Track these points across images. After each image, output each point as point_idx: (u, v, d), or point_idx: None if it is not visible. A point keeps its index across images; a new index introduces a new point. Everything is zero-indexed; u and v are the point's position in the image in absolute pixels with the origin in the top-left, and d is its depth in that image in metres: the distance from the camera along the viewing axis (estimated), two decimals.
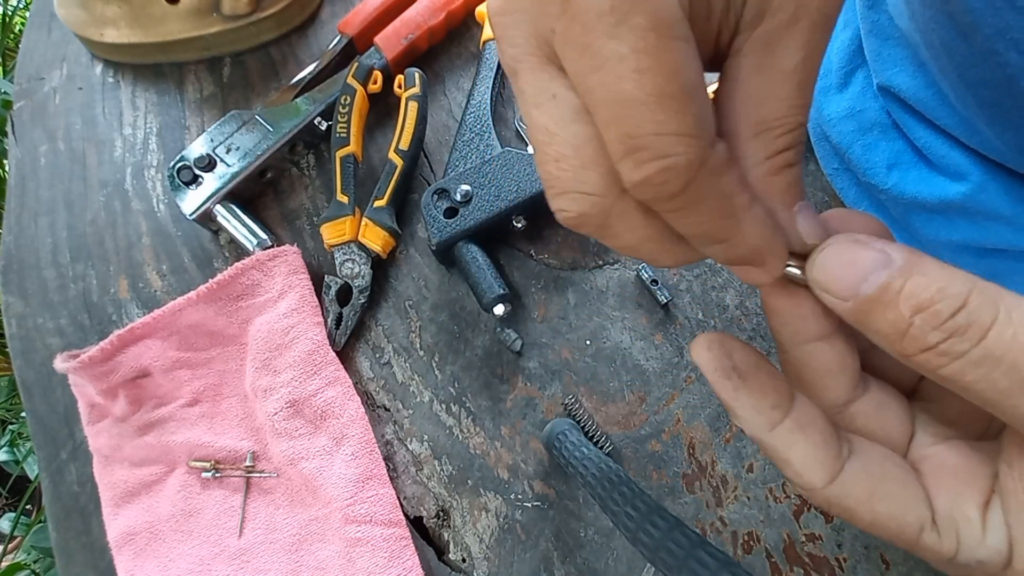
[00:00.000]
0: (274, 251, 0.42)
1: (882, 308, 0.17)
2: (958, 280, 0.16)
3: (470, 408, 0.41)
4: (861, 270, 0.17)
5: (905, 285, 0.16)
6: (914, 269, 0.16)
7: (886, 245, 0.17)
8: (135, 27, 0.48)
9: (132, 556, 0.39)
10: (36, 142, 0.49)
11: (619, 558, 0.37)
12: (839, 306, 0.18)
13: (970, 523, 0.18)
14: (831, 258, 0.18)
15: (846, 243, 0.18)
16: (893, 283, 0.16)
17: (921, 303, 0.16)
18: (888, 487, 0.19)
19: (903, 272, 0.16)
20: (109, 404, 0.41)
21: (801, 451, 0.19)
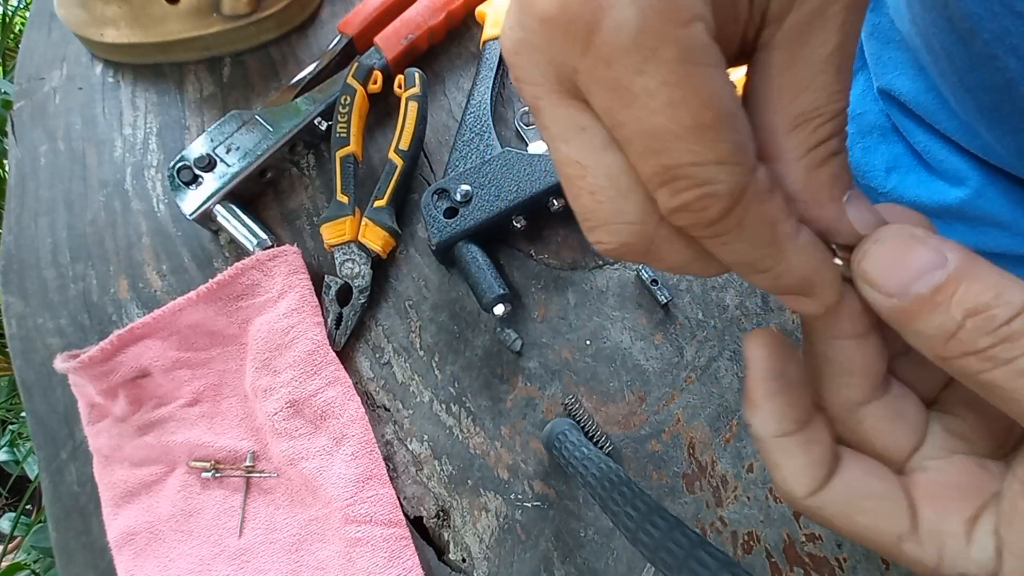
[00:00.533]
0: (274, 251, 0.42)
1: (931, 309, 0.16)
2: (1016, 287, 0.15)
3: (470, 408, 0.41)
4: (915, 268, 0.16)
5: (959, 288, 0.16)
6: (970, 272, 0.16)
7: (942, 243, 0.16)
8: (135, 27, 0.48)
9: (132, 556, 0.39)
10: (36, 142, 0.49)
11: (619, 558, 0.37)
12: (882, 303, 0.17)
13: (955, 537, 0.18)
14: (883, 251, 0.17)
15: (901, 236, 0.17)
16: (947, 285, 0.16)
17: (976, 307, 0.15)
18: (867, 503, 0.19)
19: (959, 274, 0.16)
20: (109, 404, 0.41)
21: (796, 464, 0.19)
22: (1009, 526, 0.18)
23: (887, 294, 0.17)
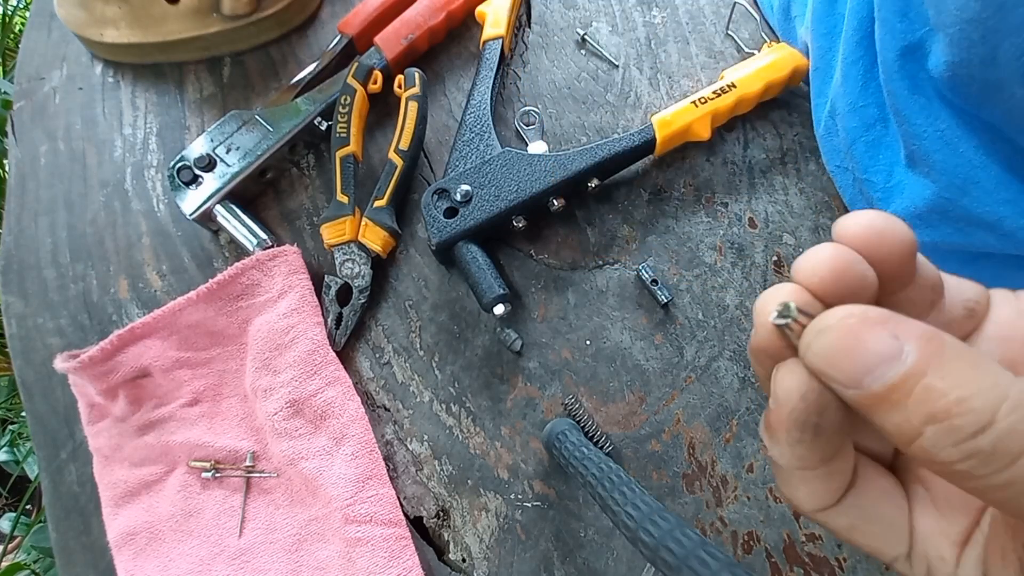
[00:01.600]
0: (274, 251, 0.42)
1: (888, 408, 0.14)
2: (986, 390, 0.13)
3: (470, 408, 0.41)
4: (866, 361, 0.14)
5: (918, 387, 0.14)
6: (931, 368, 0.14)
7: (899, 326, 0.15)
8: (135, 27, 0.48)
9: (132, 556, 0.39)
10: (36, 142, 0.49)
11: (619, 558, 0.37)
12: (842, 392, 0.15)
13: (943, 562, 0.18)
14: (830, 342, 0.15)
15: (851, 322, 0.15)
16: (904, 382, 0.14)
17: (935, 413, 0.14)
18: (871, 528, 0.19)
19: (918, 369, 0.14)
20: (109, 404, 0.41)
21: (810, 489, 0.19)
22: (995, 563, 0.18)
23: (840, 385, 0.15)
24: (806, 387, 0.16)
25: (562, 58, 0.49)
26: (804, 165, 0.45)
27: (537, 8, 0.50)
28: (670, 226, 0.44)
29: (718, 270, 0.43)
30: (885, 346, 0.14)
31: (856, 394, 0.15)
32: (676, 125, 0.42)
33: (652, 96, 0.47)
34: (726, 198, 0.44)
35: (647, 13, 0.50)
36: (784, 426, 0.17)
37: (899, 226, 0.17)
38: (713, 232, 0.44)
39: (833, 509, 0.19)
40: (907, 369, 0.14)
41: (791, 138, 0.46)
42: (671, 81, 0.47)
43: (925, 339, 0.14)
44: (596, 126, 0.46)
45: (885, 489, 0.19)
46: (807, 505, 0.19)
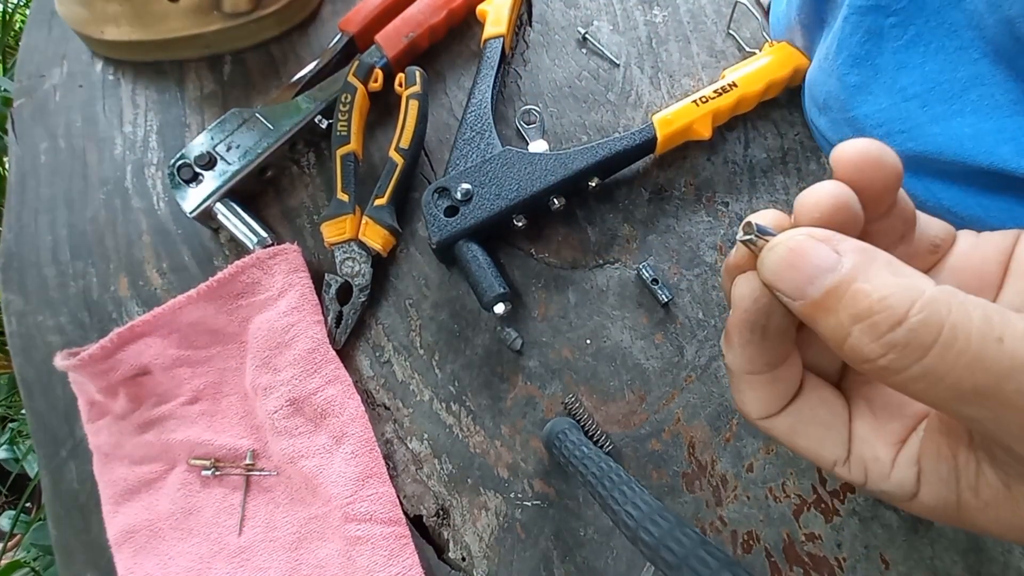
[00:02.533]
0: (274, 249, 0.42)
1: (824, 312, 0.16)
2: (902, 291, 0.15)
3: (470, 407, 0.41)
4: (808, 271, 0.16)
5: (848, 291, 0.16)
6: (860, 274, 0.16)
7: (840, 243, 0.16)
8: (136, 25, 0.48)
9: (132, 554, 0.39)
10: (36, 140, 0.49)
11: (619, 557, 0.37)
12: (790, 304, 0.17)
13: (878, 462, 0.20)
14: (778, 257, 0.17)
15: (796, 239, 0.17)
16: (838, 288, 0.16)
17: (859, 313, 0.15)
18: (810, 431, 0.21)
19: (851, 276, 0.16)
20: (109, 402, 0.41)
21: (756, 394, 0.21)
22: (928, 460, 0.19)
23: (788, 298, 0.17)
24: (757, 292, 0.19)
25: (563, 57, 0.49)
26: (805, 165, 0.45)
27: (538, 6, 0.50)
28: (671, 225, 0.44)
29: (719, 270, 0.43)
30: (825, 258, 0.16)
31: (800, 304, 0.17)
32: (677, 124, 0.42)
33: (653, 95, 0.47)
34: (727, 197, 0.44)
35: (648, 12, 0.50)
36: (737, 327, 0.20)
37: (890, 155, 0.19)
38: (714, 231, 0.44)
39: (775, 418, 0.21)
40: (841, 276, 0.16)
41: (792, 137, 0.46)
42: (672, 80, 0.47)
43: (859, 251, 0.16)
44: (597, 125, 0.46)
45: (826, 398, 0.21)
46: (754, 412, 0.21)
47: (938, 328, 0.15)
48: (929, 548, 0.36)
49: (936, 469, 0.19)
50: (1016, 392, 0.14)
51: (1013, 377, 0.14)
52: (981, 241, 0.21)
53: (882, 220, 0.20)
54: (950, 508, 0.19)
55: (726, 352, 0.21)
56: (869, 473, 0.20)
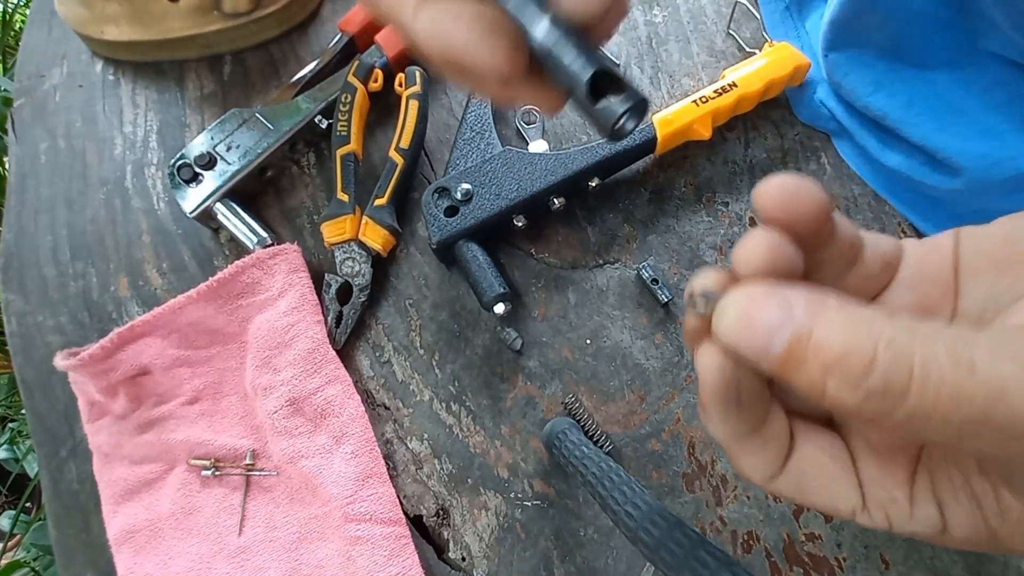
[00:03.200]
0: (274, 249, 0.42)
1: (794, 368, 0.15)
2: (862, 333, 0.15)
3: (470, 407, 0.41)
4: (764, 330, 0.16)
5: (810, 343, 0.15)
6: (816, 324, 0.15)
7: (787, 292, 0.16)
8: (136, 25, 0.48)
9: (132, 554, 0.39)
10: (36, 140, 0.49)
11: (619, 557, 0.37)
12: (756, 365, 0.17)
13: (896, 503, 0.19)
14: (730, 321, 0.17)
15: (742, 299, 0.17)
16: (799, 341, 0.15)
17: (828, 364, 0.15)
18: (818, 482, 0.20)
19: (806, 325, 0.15)
20: (109, 402, 0.41)
21: (751, 460, 0.20)
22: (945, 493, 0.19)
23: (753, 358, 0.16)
24: (720, 363, 0.18)
25: None
26: (805, 165, 0.45)
27: None
28: (671, 225, 0.44)
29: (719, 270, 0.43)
30: (775, 313, 0.16)
31: (767, 364, 0.16)
32: (677, 124, 0.42)
33: (653, 95, 0.47)
34: (727, 197, 0.44)
35: (648, 12, 0.50)
36: (711, 402, 0.19)
37: (809, 186, 0.18)
38: (714, 232, 0.44)
39: (781, 476, 0.20)
40: (796, 329, 0.15)
41: (792, 137, 0.46)
42: (672, 80, 0.47)
43: (807, 300, 0.16)
44: None
45: (824, 446, 0.21)
46: (757, 476, 0.20)
47: (908, 367, 0.14)
48: (929, 548, 0.36)
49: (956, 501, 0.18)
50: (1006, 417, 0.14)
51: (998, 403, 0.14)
52: (926, 249, 0.21)
53: (826, 249, 0.20)
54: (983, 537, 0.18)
55: (707, 425, 0.20)
56: (891, 517, 0.19)
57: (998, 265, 0.19)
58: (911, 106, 0.40)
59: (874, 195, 0.45)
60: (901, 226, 0.44)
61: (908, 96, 0.40)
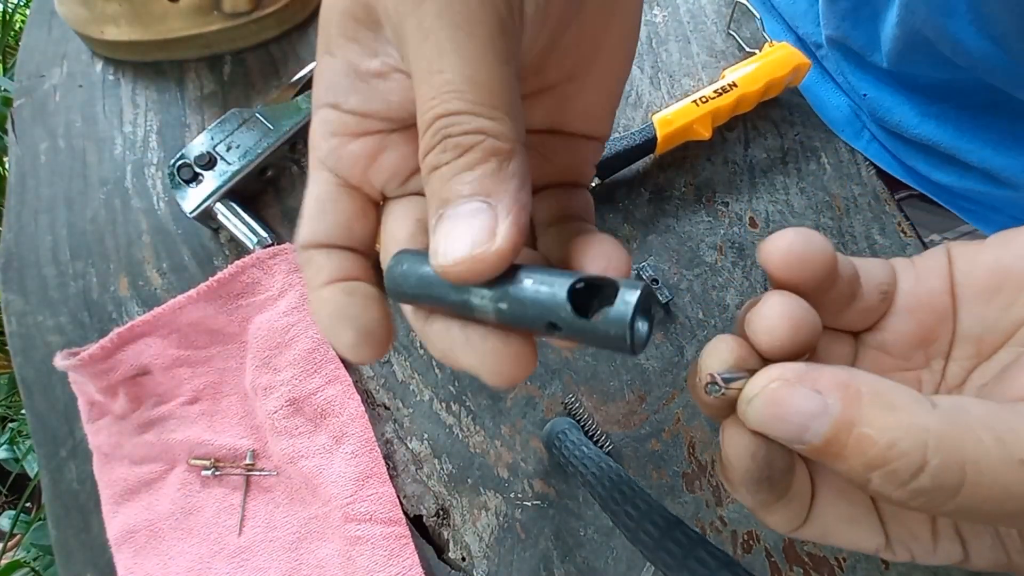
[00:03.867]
0: (274, 249, 0.42)
1: (832, 458, 0.15)
2: (908, 434, 0.14)
3: (470, 407, 0.41)
4: (797, 421, 0.15)
5: (851, 438, 0.15)
6: (855, 416, 0.15)
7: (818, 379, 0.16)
8: (136, 25, 0.48)
9: (132, 554, 0.39)
10: (36, 140, 0.49)
11: (619, 557, 0.37)
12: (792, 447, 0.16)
13: (918, 541, 0.19)
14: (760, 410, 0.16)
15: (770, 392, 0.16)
16: (838, 435, 0.15)
17: (871, 461, 0.15)
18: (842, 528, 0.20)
19: (846, 421, 0.15)
20: (109, 402, 0.41)
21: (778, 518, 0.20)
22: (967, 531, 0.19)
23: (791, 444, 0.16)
24: (753, 447, 0.18)
25: None
26: (805, 164, 0.45)
27: None
28: (671, 225, 0.44)
29: (719, 269, 0.43)
30: (809, 403, 0.15)
31: (802, 448, 0.16)
32: (677, 124, 0.42)
33: (653, 95, 0.47)
34: (727, 197, 0.44)
35: (648, 12, 0.50)
36: (743, 484, 0.19)
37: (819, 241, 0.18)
38: (714, 232, 0.44)
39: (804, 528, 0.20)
40: (835, 421, 0.15)
41: (792, 137, 0.46)
42: (672, 80, 0.47)
43: (843, 388, 0.15)
44: None
45: (841, 489, 0.20)
46: (783, 529, 0.20)
47: (960, 469, 0.14)
48: None
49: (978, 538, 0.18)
50: None
51: None
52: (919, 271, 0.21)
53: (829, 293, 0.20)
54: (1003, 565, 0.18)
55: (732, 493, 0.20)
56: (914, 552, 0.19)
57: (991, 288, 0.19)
58: (962, 134, 0.40)
59: (874, 195, 0.45)
60: (901, 226, 0.44)
61: (956, 125, 0.40)
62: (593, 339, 0.15)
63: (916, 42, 0.37)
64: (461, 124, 0.15)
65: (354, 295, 0.19)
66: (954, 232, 0.49)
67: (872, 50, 0.41)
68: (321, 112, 0.20)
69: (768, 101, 0.45)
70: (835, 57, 0.45)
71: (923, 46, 0.37)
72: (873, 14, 0.40)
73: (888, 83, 0.42)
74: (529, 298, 0.15)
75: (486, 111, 0.15)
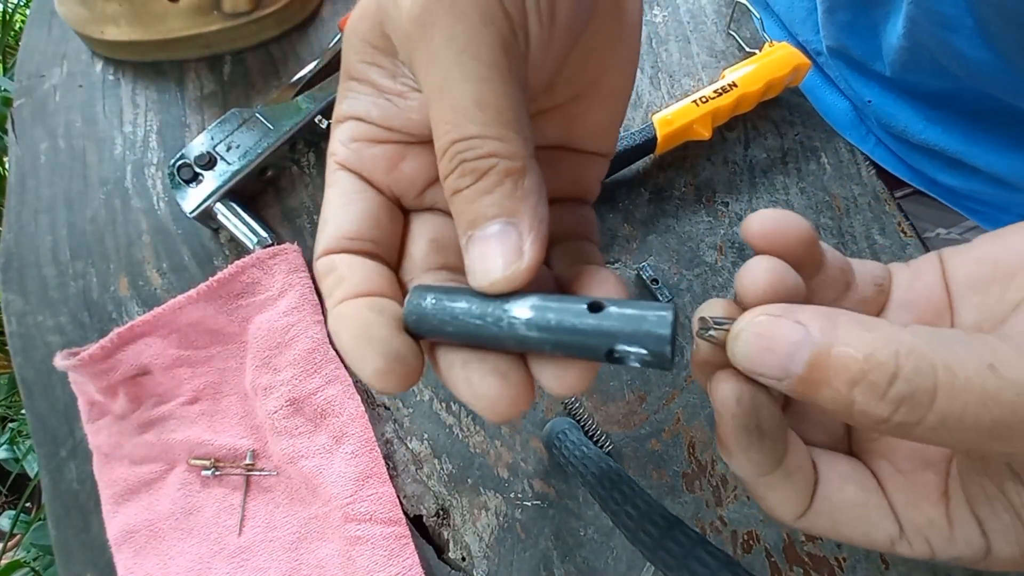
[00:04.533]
0: (274, 249, 0.42)
1: (817, 386, 0.16)
2: (881, 343, 0.15)
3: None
4: (783, 351, 0.16)
5: (830, 359, 0.15)
6: (834, 338, 0.15)
7: (800, 312, 0.16)
8: (136, 25, 0.48)
9: (132, 554, 0.39)
10: (36, 140, 0.49)
11: (619, 557, 0.37)
12: (777, 386, 0.17)
13: (935, 526, 0.19)
14: (746, 344, 0.17)
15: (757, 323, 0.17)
16: (819, 359, 0.15)
17: (853, 376, 0.15)
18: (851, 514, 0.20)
19: (825, 343, 0.15)
20: (109, 402, 0.41)
21: (778, 495, 0.20)
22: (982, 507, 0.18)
23: (775, 379, 0.16)
24: (739, 391, 0.18)
25: None
26: (805, 164, 0.45)
27: None
28: (671, 225, 0.44)
29: (719, 269, 0.43)
30: (792, 331, 0.16)
31: (788, 384, 0.16)
32: (677, 124, 0.42)
33: (653, 95, 0.47)
34: (727, 197, 0.44)
35: (648, 12, 0.50)
36: (731, 434, 0.19)
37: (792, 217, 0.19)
38: (714, 232, 0.44)
39: (811, 512, 0.20)
40: (816, 344, 0.15)
41: (792, 137, 0.46)
42: (672, 80, 0.47)
43: (822, 315, 0.16)
44: None
45: (847, 473, 0.20)
46: (787, 514, 0.20)
47: (932, 370, 0.14)
48: None
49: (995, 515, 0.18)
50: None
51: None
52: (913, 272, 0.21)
53: (818, 275, 0.20)
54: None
55: (728, 461, 0.20)
56: (932, 541, 0.19)
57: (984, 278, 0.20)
58: (968, 139, 0.40)
59: (874, 195, 0.45)
60: (901, 226, 0.44)
61: (961, 130, 0.40)
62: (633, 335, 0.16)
63: (920, 55, 0.37)
64: (474, 149, 0.16)
65: (383, 314, 0.18)
66: (959, 227, 0.49)
67: (873, 59, 0.41)
68: (343, 124, 0.20)
69: (768, 101, 0.45)
70: (836, 64, 0.45)
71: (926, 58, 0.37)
72: (872, 26, 0.40)
73: (891, 90, 0.42)
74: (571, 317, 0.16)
75: (495, 131, 0.16)
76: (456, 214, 0.17)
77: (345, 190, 0.20)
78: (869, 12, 0.39)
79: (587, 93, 0.22)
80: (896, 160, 0.45)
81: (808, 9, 0.46)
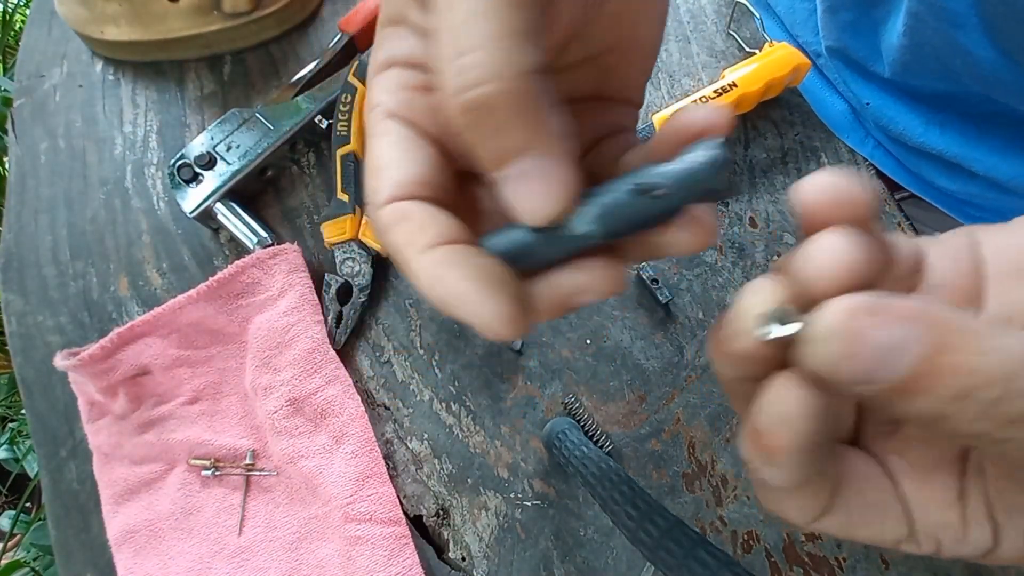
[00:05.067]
0: (274, 249, 0.42)
1: (908, 396, 0.14)
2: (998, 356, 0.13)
3: (470, 407, 0.41)
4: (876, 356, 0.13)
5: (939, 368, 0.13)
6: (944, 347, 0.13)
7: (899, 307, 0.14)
8: (136, 25, 0.48)
9: (132, 554, 0.39)
10: (36, 140, 0.49)
11: (619, 557, 0.37)
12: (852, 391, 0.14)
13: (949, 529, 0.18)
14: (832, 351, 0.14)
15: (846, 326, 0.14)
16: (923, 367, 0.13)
17: (961, 390, 0.13)
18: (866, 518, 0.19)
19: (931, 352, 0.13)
20: (109, 402, 0.41)
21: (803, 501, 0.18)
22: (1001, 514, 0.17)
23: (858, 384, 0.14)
24: (811, 407, 0.15)
25: None
26: (805, 164, 0.45)
27: None
28: None
29: (719, 269, 0.43)
30: (891, 332, 0.13)
31: (870, 389, 0.14)
32: None
33: (653, 95, 0.47)
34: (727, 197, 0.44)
35: None
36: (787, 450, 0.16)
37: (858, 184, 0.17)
38: None
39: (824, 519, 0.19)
40: (922, 353, 0.13)
41: (792, 137, 0.46)
42: (672, 80, 0.47)
43: (924, 316, 0.14)
44: None
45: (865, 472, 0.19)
46: (802, 518, 0.19)
47: None
48: None
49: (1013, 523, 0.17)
50: None
51: None
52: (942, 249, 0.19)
53: None
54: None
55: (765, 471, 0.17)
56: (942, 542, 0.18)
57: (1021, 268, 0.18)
58: (967, 142, 0.39)
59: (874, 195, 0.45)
60: (901, 226, 0.44)
61: (960, 133, 0.40)
62: (689, 180, 0.16)
63: (922, 53, 0.37)
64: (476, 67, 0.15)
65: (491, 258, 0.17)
66: None
67: (873, 60, 0.41)
68: (386, 73, 0.19)
69: (768, 101, 0.45)
70: (836, 66, 0.45)
71: (929, 57, 0.36)
72: (873, 26, 0.40)
73: (890, 92, 0.42)
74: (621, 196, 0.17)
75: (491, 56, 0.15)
76: (473, 154, 0.16)
77: (401, 136, 0.19)
78: (870, 11, 0.39)
79: (620, 45, 0.22)
80: (894, 163, 0.45)
81: (809, 11, 0.46)
